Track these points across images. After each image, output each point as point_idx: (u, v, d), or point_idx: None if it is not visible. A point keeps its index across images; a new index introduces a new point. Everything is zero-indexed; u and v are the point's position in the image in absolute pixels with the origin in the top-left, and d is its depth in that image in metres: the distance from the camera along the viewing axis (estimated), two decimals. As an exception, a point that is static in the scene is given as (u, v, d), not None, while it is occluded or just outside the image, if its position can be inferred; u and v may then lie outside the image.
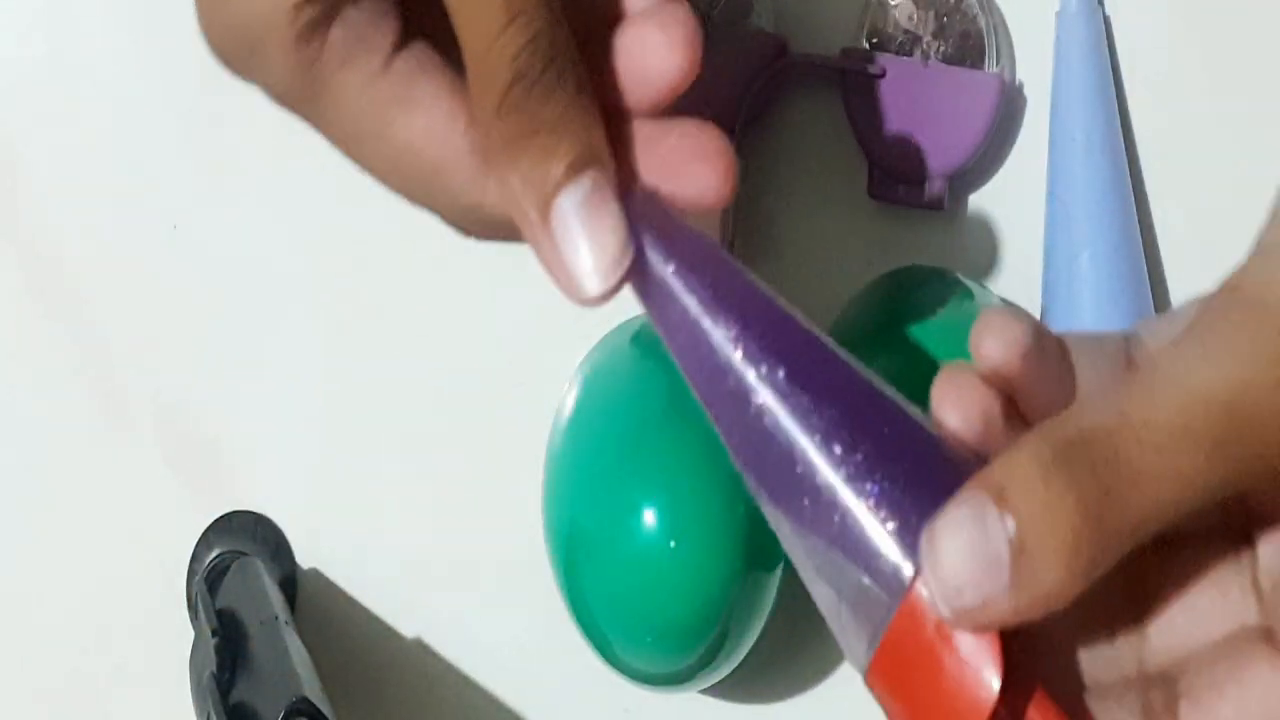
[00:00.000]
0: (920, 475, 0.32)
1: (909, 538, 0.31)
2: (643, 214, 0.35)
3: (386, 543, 0.55)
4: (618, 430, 0.50)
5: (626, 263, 0.34)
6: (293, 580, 0.55)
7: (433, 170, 0.36)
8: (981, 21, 0.53)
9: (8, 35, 0.54)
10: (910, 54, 0.52)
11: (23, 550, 0.55)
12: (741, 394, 0.33)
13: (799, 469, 0.32)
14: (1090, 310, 0.52)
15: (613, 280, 0.34)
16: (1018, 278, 0.54)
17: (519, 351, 0.55)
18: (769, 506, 0.33)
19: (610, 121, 0.35)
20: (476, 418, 0.54)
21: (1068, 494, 0.30)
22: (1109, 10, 0.54)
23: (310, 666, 0.48)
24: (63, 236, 0.54)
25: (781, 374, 0.33)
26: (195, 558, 0.55)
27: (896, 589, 0.31)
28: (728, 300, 0.34)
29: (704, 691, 0.55)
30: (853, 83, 0.53)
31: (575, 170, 0.34)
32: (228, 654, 0.48)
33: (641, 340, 0.52)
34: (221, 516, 0.55)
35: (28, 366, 0.55)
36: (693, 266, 0.34)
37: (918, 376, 0.50)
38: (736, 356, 0.33)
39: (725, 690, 0.55)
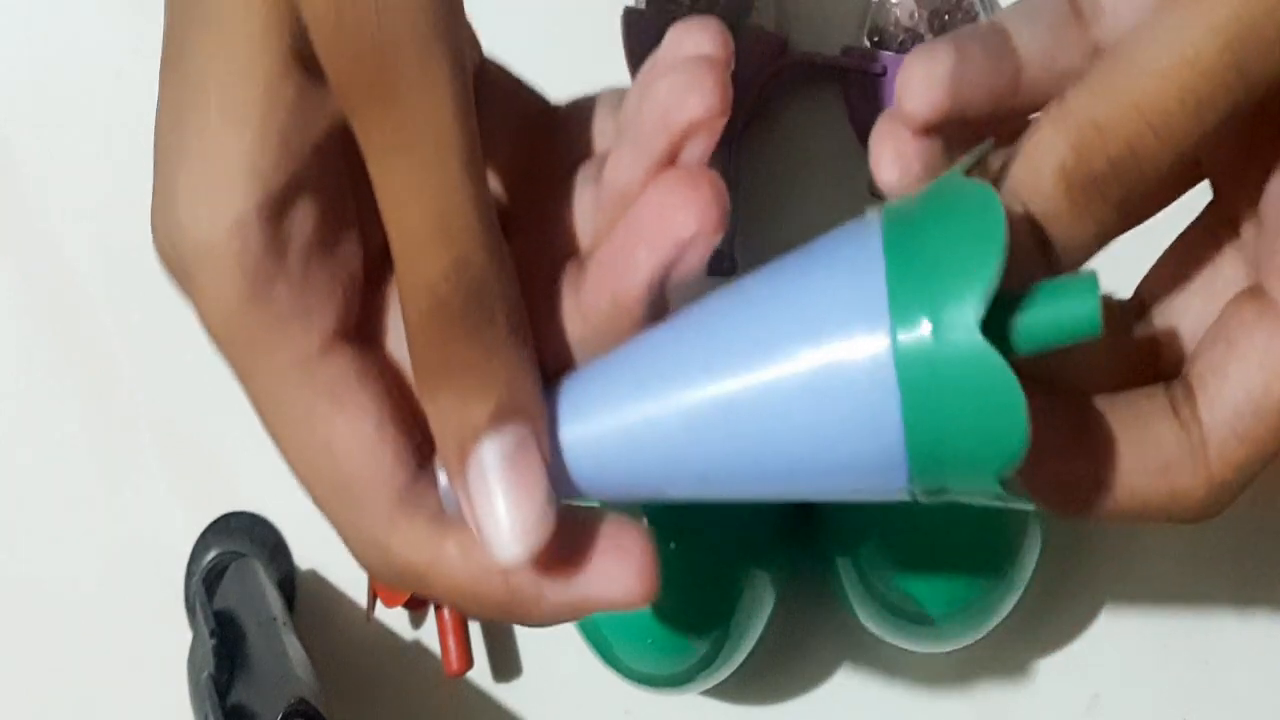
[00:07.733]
0: None
1: None
2: None
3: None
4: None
5: (547, 527, 0.31)
6: (291, 581, 0.55)
7: (344, 484, 0.32)
8: (983, 20, 0.52)
9: (8, 37, 0.54)
10: (911, 53, 0.52)
11: (22, 550, 0.55)
12: None
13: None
14: None
15: (531, 545, 0.30)
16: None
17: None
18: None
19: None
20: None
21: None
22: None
23: (309, 667, 0.48)
24: (61, 238, 0.54)
25: None
26: (193, 558, 0.55)
27: None
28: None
29: (704, 692, 0.55)
30: (854, 82, 0.52)
31: (498, 420, 0.30)
32: (226, 655, 0.48)
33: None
34: (220, 517, 0.55)
35: (27, 367, 0.55)
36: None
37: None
38: None
39: (725, 690, 0.55)
